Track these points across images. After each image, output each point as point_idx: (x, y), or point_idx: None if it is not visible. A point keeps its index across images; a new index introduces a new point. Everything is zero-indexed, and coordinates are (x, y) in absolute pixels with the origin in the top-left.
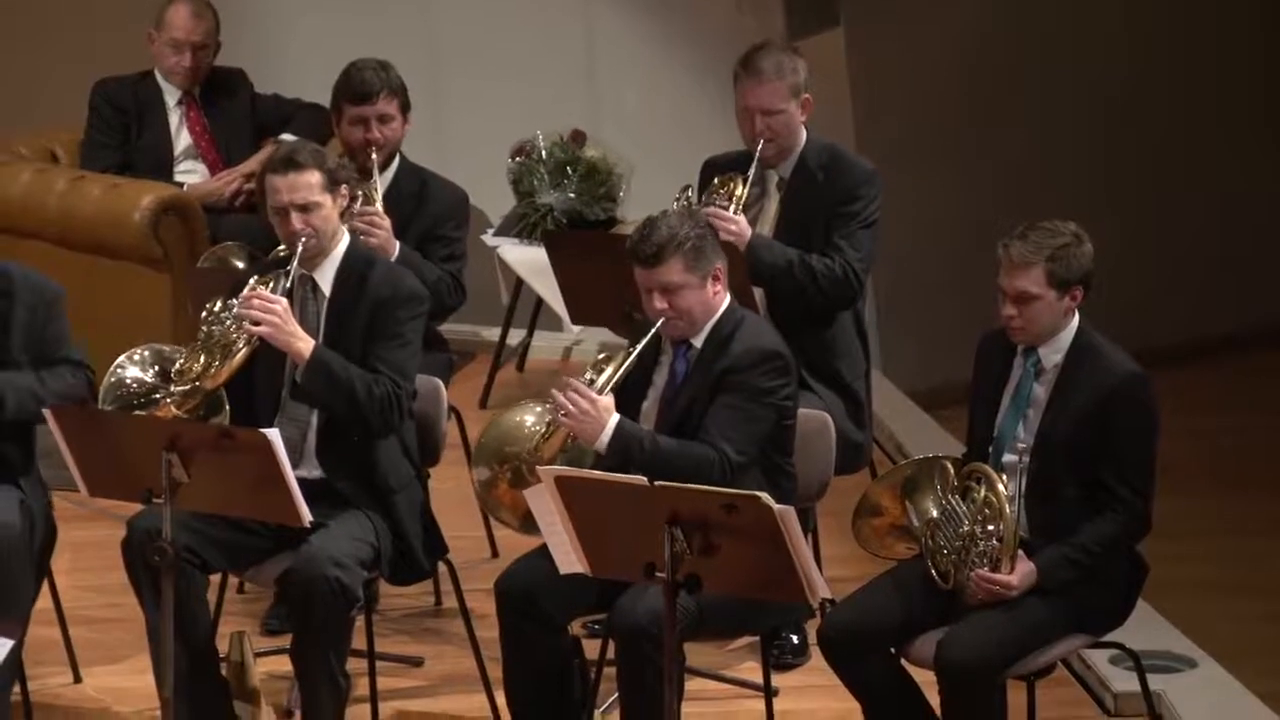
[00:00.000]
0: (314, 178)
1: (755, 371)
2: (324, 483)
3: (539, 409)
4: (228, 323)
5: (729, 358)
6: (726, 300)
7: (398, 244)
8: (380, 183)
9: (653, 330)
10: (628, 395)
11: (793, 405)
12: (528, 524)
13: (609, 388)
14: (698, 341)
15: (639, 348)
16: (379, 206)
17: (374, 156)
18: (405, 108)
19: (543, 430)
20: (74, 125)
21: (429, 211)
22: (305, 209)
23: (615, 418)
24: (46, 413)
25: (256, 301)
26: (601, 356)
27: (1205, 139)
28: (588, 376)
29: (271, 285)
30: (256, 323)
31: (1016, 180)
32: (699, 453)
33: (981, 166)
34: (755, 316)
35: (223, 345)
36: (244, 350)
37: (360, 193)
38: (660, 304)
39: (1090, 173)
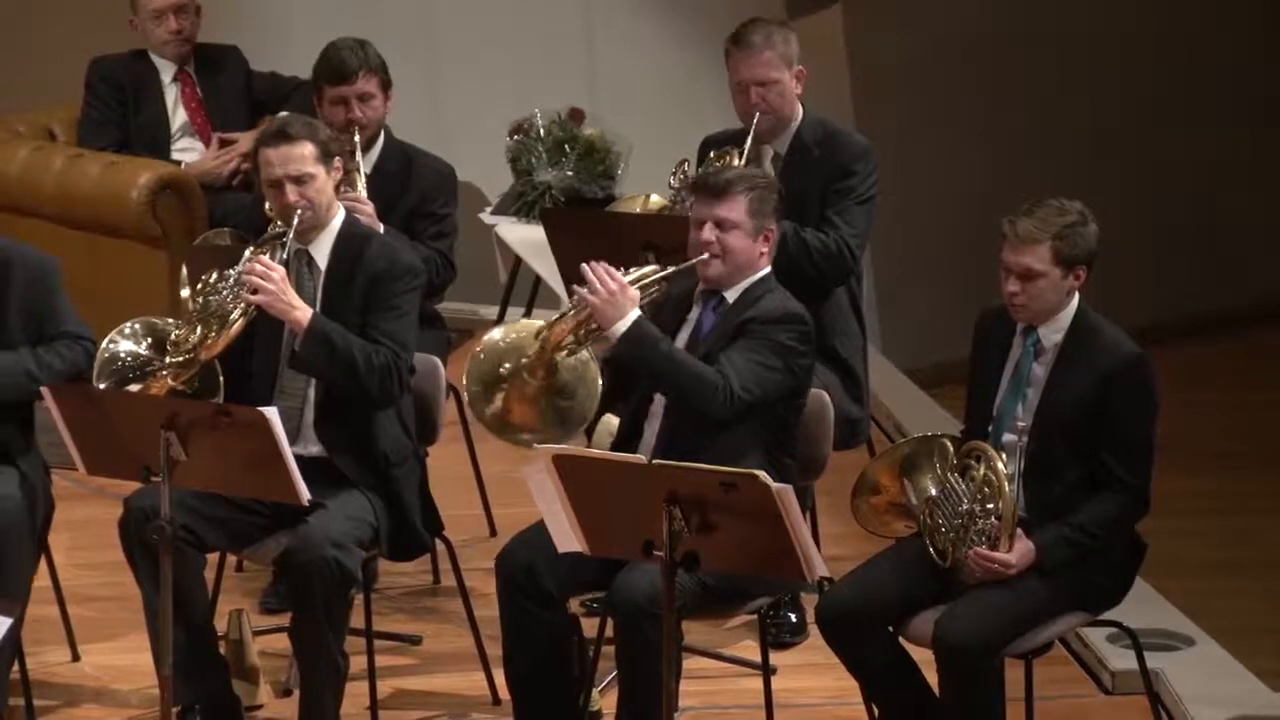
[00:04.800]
0: (307, 149)
1: (778, 327)
2: (322, 461)
3: (521, 323)
4: (224, 292)
5: (754, 309)
6: (768, 268)
7: (382, 227)
8: (365, 162)
9: (690, 261)
10: None
11: (805, 378)
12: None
13: (636, 286)
14: (730, 296)
15: (671, 270)
16: (363, 185)
17: (356, 137)
18: (386, 85)
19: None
20: (72, 103)
21: (415, 188)
22: (299, 181)
23: (637, 311)
24: (44, 391)
25: (257, 268)
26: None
27: (1204, 113)
28: (619, 272)
29: (268, 256)
30: (254, 290)
31: (1015, 158)
32: (707, 373)
33: (980, 144)
34: (788, 292)
35: (219, 315)
36: (240, 320)
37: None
38: (709, 235)
39: (1089, 149)
